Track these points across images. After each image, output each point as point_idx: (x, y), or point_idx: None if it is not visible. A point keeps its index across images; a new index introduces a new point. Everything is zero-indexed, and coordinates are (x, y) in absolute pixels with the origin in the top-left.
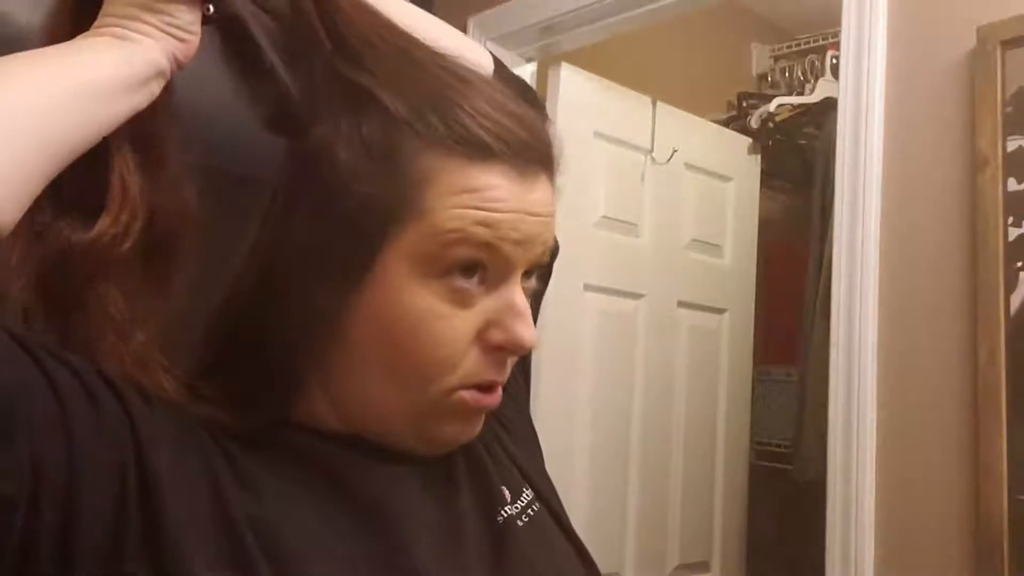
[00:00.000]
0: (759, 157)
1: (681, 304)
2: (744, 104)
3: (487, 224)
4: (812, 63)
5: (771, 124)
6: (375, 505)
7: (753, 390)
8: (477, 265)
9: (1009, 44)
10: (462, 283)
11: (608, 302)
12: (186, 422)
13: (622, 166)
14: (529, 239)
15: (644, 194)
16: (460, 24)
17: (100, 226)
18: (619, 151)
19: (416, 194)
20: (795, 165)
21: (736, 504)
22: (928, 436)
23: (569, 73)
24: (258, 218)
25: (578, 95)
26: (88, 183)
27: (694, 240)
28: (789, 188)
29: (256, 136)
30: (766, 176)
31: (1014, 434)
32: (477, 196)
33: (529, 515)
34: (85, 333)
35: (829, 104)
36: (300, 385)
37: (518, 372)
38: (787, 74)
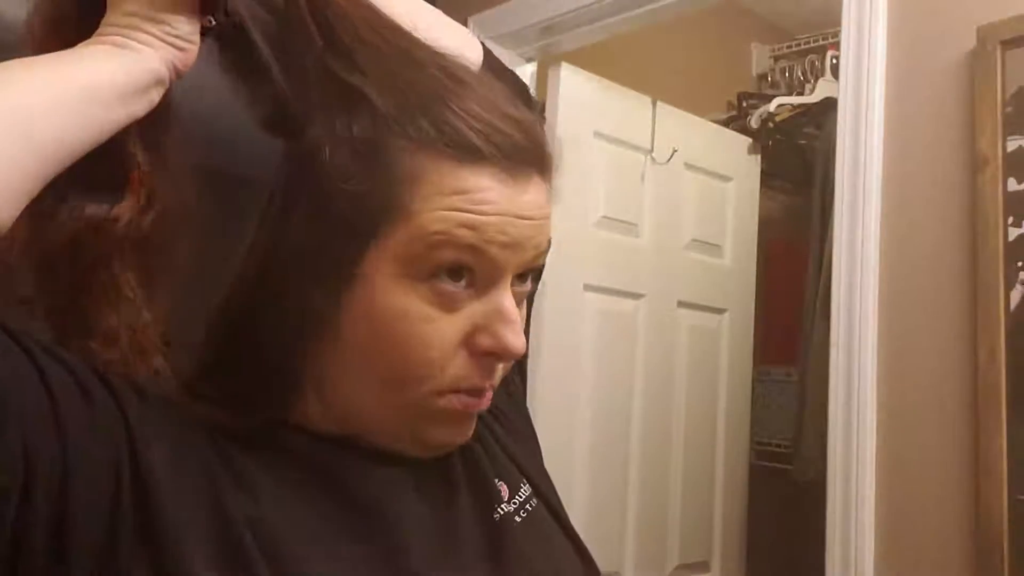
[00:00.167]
0: (759, 157)
1: (681, 304)
2: (744, 104)
3: (472, 227)
4: (812, 63)
5: (771, 124)
6: (373, 506)
7: (753, 390)
8: (463, 268)
9: (1009, 44)
10: (448, 286)
11: (608, 302)
12: (185, 422)
13: (622, 166)
14: (518, 242)
15: (644, 194)
16: (460, 24)
17: (122, 206)
18: (619, 151)
19: (404, 195)
20: (795, 165)
21: (736, 504)
22: (928, 436)
23: (569, 73)
24: (257, 219)
25: (578, 95)
26: (102, 169)
27: (694, 240)
28: (789, 188)
29: (254, 137)
30: (766, 176)
31: (1014, 433)
32: (465, 198)
33: (527, 511)
34: (85, 318)
35: (829, 104)
36: (298, 386)
37: (515, 372)
38: (787, 74)
